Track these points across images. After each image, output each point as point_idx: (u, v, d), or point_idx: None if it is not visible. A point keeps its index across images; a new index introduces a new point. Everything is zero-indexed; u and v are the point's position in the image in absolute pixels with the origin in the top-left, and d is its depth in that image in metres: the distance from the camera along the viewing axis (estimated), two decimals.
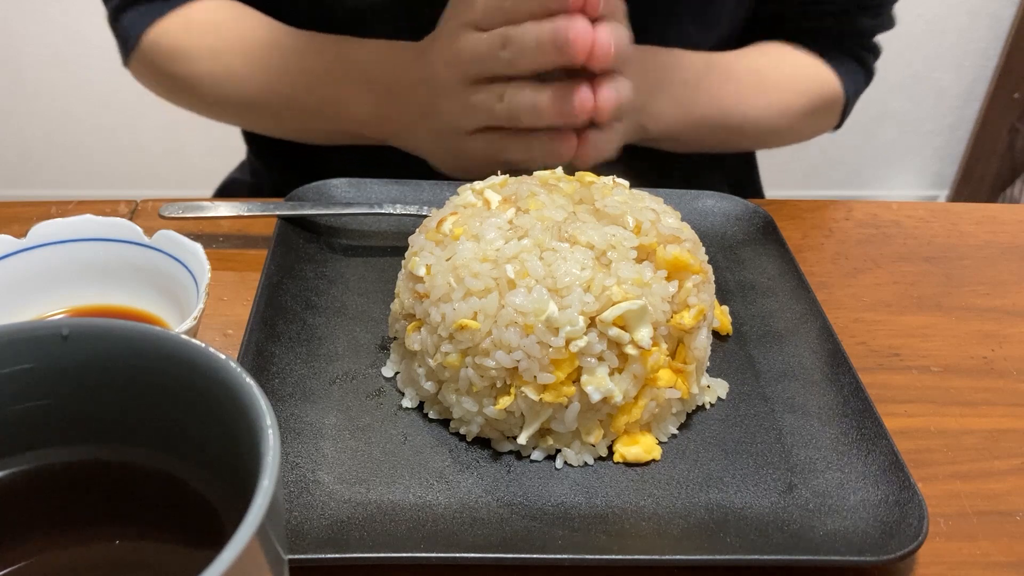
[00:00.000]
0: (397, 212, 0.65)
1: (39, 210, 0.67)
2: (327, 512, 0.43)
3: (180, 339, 0.29)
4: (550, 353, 0.46)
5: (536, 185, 0.55)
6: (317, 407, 0.50)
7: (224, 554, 0.22)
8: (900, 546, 0.41)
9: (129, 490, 0.31)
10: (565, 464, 0.48)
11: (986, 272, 0.67)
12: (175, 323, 0.51)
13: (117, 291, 0.53)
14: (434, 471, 0.47)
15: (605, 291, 0.47)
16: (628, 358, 0.47)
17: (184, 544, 0.30)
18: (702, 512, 0.45)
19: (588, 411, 0.48)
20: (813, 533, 0.43)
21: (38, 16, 2.15)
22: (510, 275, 0.47)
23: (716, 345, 0.56)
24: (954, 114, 2.25)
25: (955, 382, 0.56)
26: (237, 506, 0.24)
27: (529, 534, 0.43)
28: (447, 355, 0.48)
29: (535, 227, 0.50)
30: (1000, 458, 0.51)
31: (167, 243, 0.52)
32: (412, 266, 0.51)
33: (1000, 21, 2.16)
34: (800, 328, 0.57)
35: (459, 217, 0.52)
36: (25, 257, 0.51)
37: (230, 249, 0.65)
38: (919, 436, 0.52)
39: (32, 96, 2.25)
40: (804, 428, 0.50)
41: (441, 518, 0.44)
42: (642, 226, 0.50)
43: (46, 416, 0.30)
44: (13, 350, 0.29)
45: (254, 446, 0.26)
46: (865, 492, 0.45)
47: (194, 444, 0.30)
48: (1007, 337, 0.61)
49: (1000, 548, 0.45)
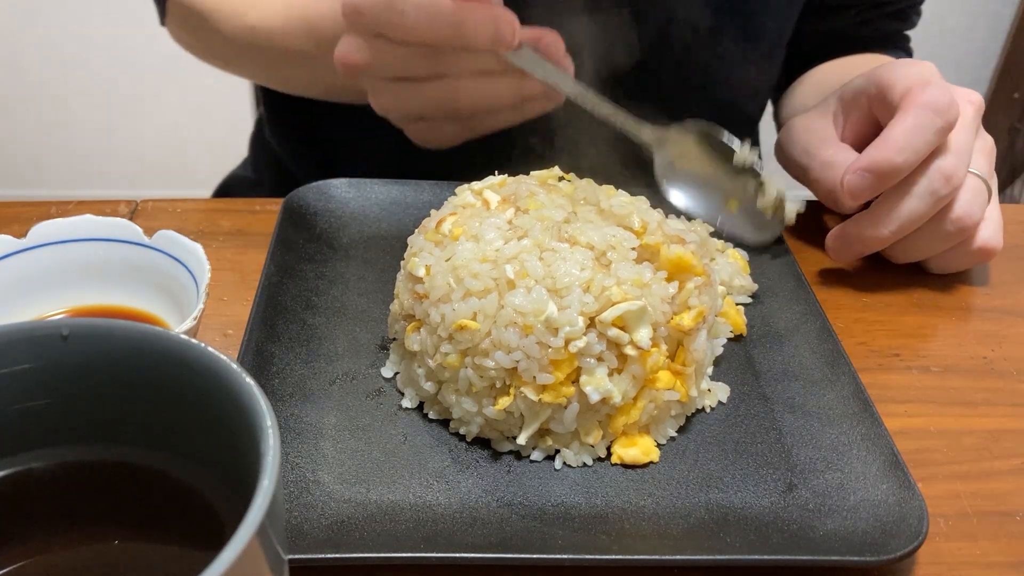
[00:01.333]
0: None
1: (39, 210, 0.67)
2: (327, 512, 0.43)
3: (180, 339, 0.29)
4: (549, 353, 0.46)
5: (535, 185, 0.55)
6: (317, 407, 0.50)
7: (224, 554, 0.22)
8: (900, 546, 0.41)
9: (129, 490, 0.31)
10: (564, 465, 0.48)
11: (986, 272, 0.67)
12: (175, 323, 0.51)
13: (117, 291, 0.53)
14: (434, 471, 0.47)
15: (604, 291, 0.47)
16: (627, 359, 0.47)
17: (184, 544, 0.30)
18: (702, 512, 0.45)
19: (587, 412, 0.48)
20: (813, 533, 0.43)
21: (38, 16, 2.15)
22: (509, 275, 0.47)
23: (725, 346, 0.56)
24: None
25: (955, 382, 0.56)
26: (237, 506, 0.24)
27: (529, 534, 0.43)
28: (446, 355, 0.48)
29: (534, 227, 0.50)
30: (1000, 458, 0.51)
31: (167, 243, 0.52)
32: (411, 266, 0.51)
33: (1000, 21, 2.16)
34: (800, 328, 0.57)
35: (458, 217, 0.52)
36: (25, 257, 0.51)
37: (230, 249, 0.65)
38: (919, 436, 0.52)
39: (32, 96, 2.25)
40: (804, 428, 0.50)
41: (441, 518, 0.44)
42: (648, 226, 0.50)
43: (46, 416, 0.30)
44: (13, 350, 0.29)
45: (254, 446, 0.26)
46: (865, 492, 0.45)
47: (194, 444, 0.30)
48: (1007, 337, 0.61)
49: (1000, 548, 0.45)
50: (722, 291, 0.57)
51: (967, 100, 0.62)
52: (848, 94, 0.66)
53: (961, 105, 0.60)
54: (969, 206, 0.60)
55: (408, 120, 0.67)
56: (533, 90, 0.64)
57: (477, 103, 0.63)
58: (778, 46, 0.86)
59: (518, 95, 0.64)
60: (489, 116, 0.66)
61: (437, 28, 0.59)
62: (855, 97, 0.66)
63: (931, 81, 0.60)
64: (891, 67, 0.63)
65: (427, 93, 0.63)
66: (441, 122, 0.66)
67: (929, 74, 0.62)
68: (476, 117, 0.66)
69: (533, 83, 0.63)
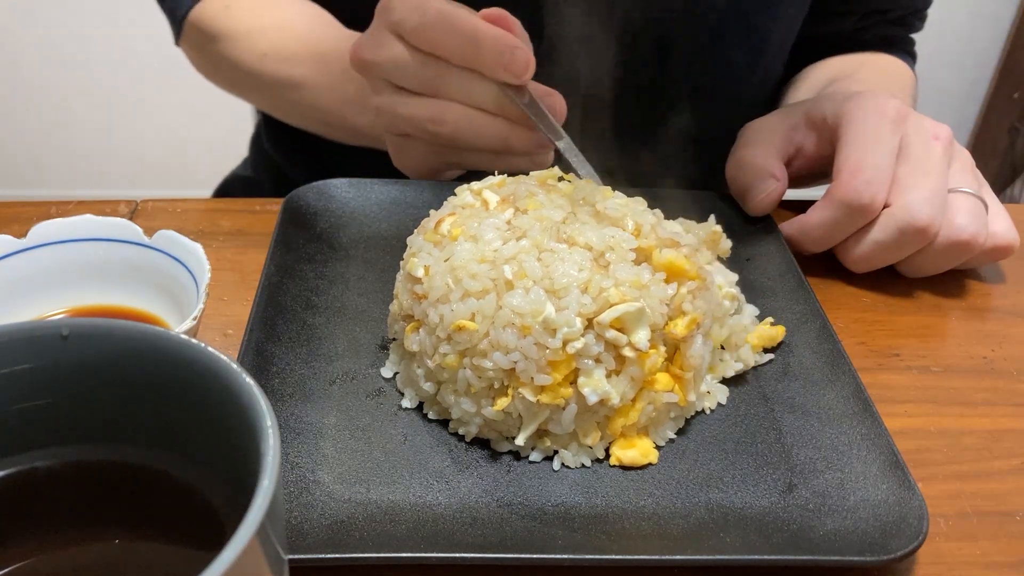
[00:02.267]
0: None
1: (39, 210, 0.67)
2: (327, 512, 0.43)
3: (180, 339, 0.29)
4: (547, 354, 0.46)
5: (534, 185, 0.55)
6: (317, 407, 0.50)
7: (224, 554, 0.22)
8: (900, 546, 0.41)
9: (129, 490, 0.31)
10: (563, 466, 0.48)
11: (986, 272, 0.67)
12: (175, 323, 0.51)
13: (117, 291, 0.53)
14: (434, 471, 0.47)
15: (603, 293, 0.47)
16: (625, 360, 0.47)
17: (184, 544, 0.30)
18: (702, 512, 0.45)
19: (585, 413, 0.48)
20: (813, 533, 0.43)
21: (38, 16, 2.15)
22: (508, 276, 0.47)
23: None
24: (954, 114, 2.25)
25: (955, 382, 0.56)
26: (237, 506, 0.24)
27: (529, 534, 0.43)
28: (445, 356, 0.48)
29: (533, 228, 0.50)
30: (1000, 458, 0.51)
31: (167, 243, 0.52)
32: (410, 267, 0.51)
33: (1000, 22, 2.16)
34: (800, 328, 0.57)
35: (457, 218, 0.52)
36: (25, 257, 0.51)
37: (230, 249, 0.65)
38: (919, 436, 0.52)
39: (32, 96, 2.25)
40: (804, 428, 0.50)
41: (441, 518, 0.44)
42: (642, 229, 0.50)
43: (46, 416, 0.30)
44: (13, 350, 0.29)
45: (254, 446, 0.26)
46: (865, 492, 0.45)
47: (194, 444, 0.30)
48: (1007, 337, 0.61)
49: (1000, 548, 0.45)
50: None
51: (933, 136, 0.62)
52: (816, 115, 0.67)
53: (927, 143, 0.61)
54: (969, 225, 0.61)
55: (393, 131, 0.67)
56: (519, 143, 0.63)
57: (461, 132, 0.63)
58: (782, 53, 0.87)
59: (503, 141, 0.63)
60: (469, 153, 0.65)
61: (453, 38, 0.59)
62: (822, 121, 0.67)
63: (878, 140, 0.61)
64: (854, 106, 0.64)
65: (417, 107, 0.63)
66: (421, 144, 0.66)
67: (892, 115, 0.62)
68: (455, 148, 0.65)
69: (521, 136, 0.63)
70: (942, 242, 0.61)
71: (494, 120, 0.63)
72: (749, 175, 0.67)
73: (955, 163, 0.63)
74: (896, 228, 0.60)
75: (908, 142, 0.62)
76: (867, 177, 0.60)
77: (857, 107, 0.64)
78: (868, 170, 0.60)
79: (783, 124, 0.69)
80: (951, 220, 0.61)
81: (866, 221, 0.61)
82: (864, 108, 0.63)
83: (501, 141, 0.63)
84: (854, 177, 0.60)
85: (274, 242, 0.60)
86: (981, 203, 0.62)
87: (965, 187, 0.62)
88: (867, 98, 0.64)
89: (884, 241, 0.62)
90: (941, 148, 0.62)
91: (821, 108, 0.67)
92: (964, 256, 0.62)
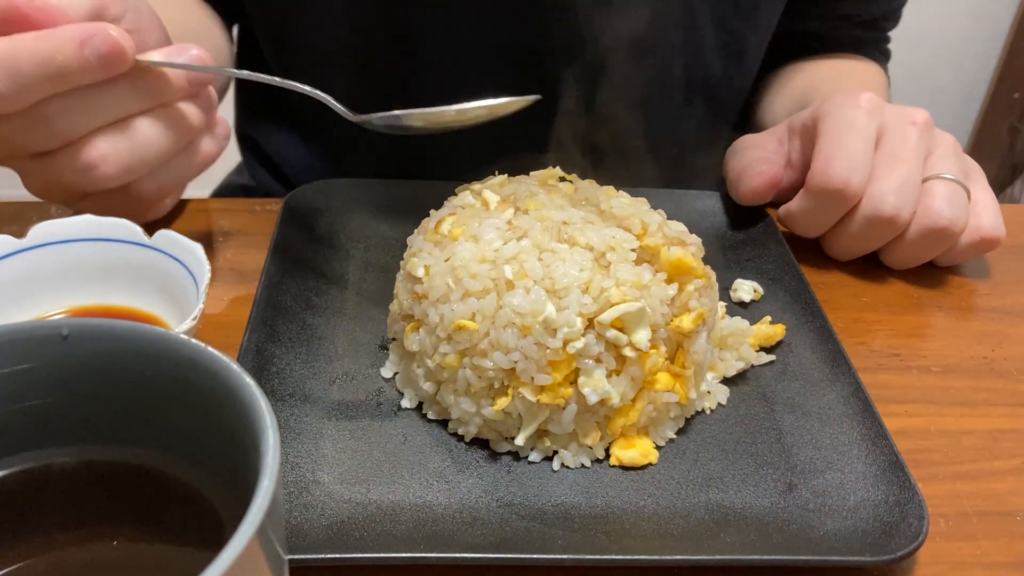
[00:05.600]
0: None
1: (39, 210, 0.67)
2: (327, 512, 0.43)
3: (180, 339, 0.29)
4: (547, 354, 0.46)
5: (535, 185, 0.55)
6: (317, 407, 0.50)
7: (224, 554, 0.22)
8: (900, 546, 0.41)
9: (129, 490, 0.31)
10: (563, 466, 0.48)
11: (986, 272, 0.67)
12: (175, 323, 0.51)
13: (117, 291, 0.53)
14: (434, 471, 0.47)
15: (603, 293, 0.47)
16: (626, 360, 0.47)
17: (184, 544, 0.30)
18: (702, 512, 0.45)
19: (585, 413, 0.48)
20: (813, 533, 0.43)
21: None
22: (508, 276, 0.47)
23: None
24: (954, 114, 2.25)
25: (955, 382, 0.56)
26: (237, 506, 0.24)
27: (529, 534, 0.43)
28: (445, 356, 0.48)
29: (534, 227, 0.50)
30: (1000, 458, 0.51)
31: (167, 243, 0.52)
32: (410, 267, 0.51)
33: (1000, 22, 2.16)
34: (800, 328, 0.57)
35: (458, 218, 0.52)
36: (25, 257, 0.51)
37: (230, 249, 0.65)
38: (919, 436, 0.52)
39: None
40: (804, 428, 0.50)
41: (441, 518, 0.44)
42: (648, 227, 0.50)
43: (46, 416, 0.30)
44: (13, 350, 0.29)
45: (254, 446, 0.26)
46: (865, 492, 0.45)
47: (194, 444, 0.30)
48: (1007, 337, 0.61)
49: (1000, 548, 0.45)
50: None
51: (911, 121, 0.63)
52: (796, 124, 0.69)
53: (903, 128, 0.62)
54: (947, 211, 0.61)
55: (76, 197, 0.57)
56: (197, 117, 0.55)
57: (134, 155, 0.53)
58: (758, 56, 0.87)
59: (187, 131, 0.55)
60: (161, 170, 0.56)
61: (27, 71, 0.48)
62: (803, 127, 0.67)
63: (852, 128, 0.62)
64: (830, 104, 0.65)
65: (64, 166, 0.52)
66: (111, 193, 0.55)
67: (866, 105, 0.63)
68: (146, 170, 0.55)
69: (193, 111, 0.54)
70: (918, 229, 0.61)
71: (153, 119, 0.54)
72: (744, 159, 0.68)
73: (937, 149, 0.63)
74: (864, 218, 0.62)
75: (885, 129, 0.62)
76: (839, 164, 0.61)
77: (831, 103, 0.65)
78: (841, 157, 0.61)
79: (771, 137, 0.71)
80: (928, 206, 0.61)
81: (846, 207, 0.62)
82: (837, 103, 0.64)
83: (185, 131, 0.56)
84: (827, 165, 0.61)
85: (274, 242, 0.60)
86: (962, 189, 0.62)
87: (945, 173, 0.62)
88: (841, 95, 0.65)
89: (855, 232, 0.63)
90: (917, 134, 0.62)
91: (800, 117, 0.68)
92: (944, 243, 0.62)
